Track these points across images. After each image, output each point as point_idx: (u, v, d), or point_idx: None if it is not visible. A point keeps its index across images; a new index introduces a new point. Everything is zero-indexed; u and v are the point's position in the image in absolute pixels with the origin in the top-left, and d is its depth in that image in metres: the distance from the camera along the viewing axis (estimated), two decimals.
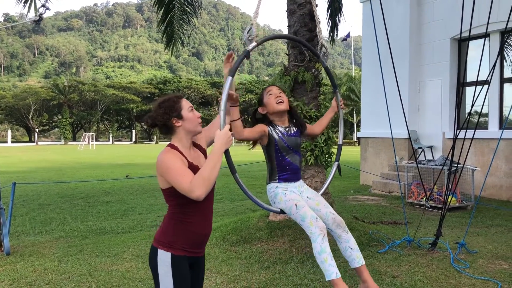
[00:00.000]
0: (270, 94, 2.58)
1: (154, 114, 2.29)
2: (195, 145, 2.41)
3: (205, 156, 2.40)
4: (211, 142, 2.48)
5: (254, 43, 2.31)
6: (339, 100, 2.92)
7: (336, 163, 2.92)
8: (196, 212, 2.27)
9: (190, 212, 2.25)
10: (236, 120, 2.36)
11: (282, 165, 2.49)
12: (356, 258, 2.52)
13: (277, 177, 2.51)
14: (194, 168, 2.23)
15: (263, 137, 2.48)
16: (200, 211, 2.28)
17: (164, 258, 2.24)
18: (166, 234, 2.27)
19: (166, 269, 2.23)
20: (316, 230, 2.34)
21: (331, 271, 2.32)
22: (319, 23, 3.31)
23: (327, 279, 2.31)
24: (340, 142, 2.96)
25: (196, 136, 2.41)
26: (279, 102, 2.54)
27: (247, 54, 2.30)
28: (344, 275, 4.31)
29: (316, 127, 2.81)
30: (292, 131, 2.58)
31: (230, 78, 2.21)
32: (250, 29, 2.34)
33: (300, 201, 2.44)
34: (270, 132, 2.51)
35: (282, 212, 2.48)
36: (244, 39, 2.34)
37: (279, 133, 2.51)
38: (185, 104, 2.31)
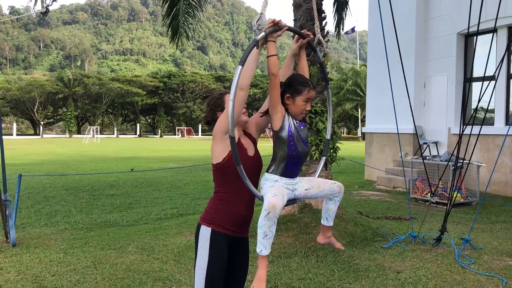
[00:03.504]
0: (307, 102, 2.50)
1: (205, 113, 2.65)
2: (246, 134, 2.58)
3: (255, 146, 2.59)
4: (261, 130, 2.66)
5: (263, 33, 2.26)
6: (330, 97, 2.93)
7: (323, 158, 2.89)
8: (234, 191, 2.43)
9: (229, 190, 2.44)
10: (272, 55, 2.31)
11: (293, 155, 2.45)
12: (332, 220, 2.68)
13: (281, 170, 2.47)
14: (243, 151, 2.44)
15: (278, 114, 2.42)
16: (238, 191, 2.42)
17: (205, 233, 2.43)
18: (209, 212, 2.47)
19: (205, 242, 2.41)
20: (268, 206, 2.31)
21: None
22: (317, 19, 3.27)
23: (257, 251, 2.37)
24: (328, 137, 2.93)
25: (246, 125, 2.59)
26: (303, 115, 2.51)
27: (256, 44, 2.24)
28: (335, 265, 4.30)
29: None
30: (301, 122, 2.56)
31: (240, 67, 2.17)
32: (259, 18, 2.28)
33: (281, 189, 2.42)
34: (286, 117, 2.47)
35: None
36: (254, 28, 2.29)
37: (294, 123, 2.48)
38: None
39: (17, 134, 65.52)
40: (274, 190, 2.35)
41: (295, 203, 2.70)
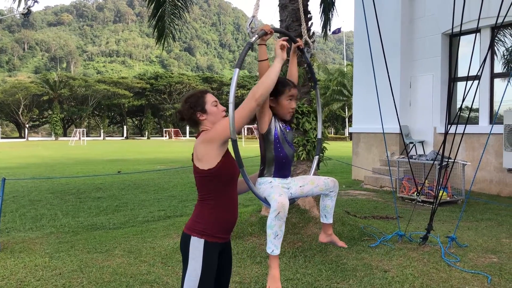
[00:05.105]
0: (291, 99, 2.53)
1: (181, 109, 2.44)
2: None
3: None
4: None
5: (256, 35, 2.31)
6: (318, 97, 2.99)
7: (316, 157, 2.93)
8: (225, 197, 2.37)
9: (219, 197, 2.35)
10: (264, 60, 2.39)
11: (280, 157, 2.49)
12: (331, 217, 2.69)
13: (272, 171, 2.51)
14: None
15: (265, 118, 2.45)
16: (228, 196, 2.38)
17: (197, 244, 2.33)
18: (199, 222, 2.36)
19: (198, 254, 2.32)
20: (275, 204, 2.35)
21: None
22: (304, 20, 3.31)
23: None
24: (319, 136, 2.98)
25: None
26: (291, 113, 2.54)
27: (251, 46, 2.31)
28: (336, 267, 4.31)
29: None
30: (287, 126, 2.59)
31: (237, 70, 2.21)
32: (252, 21, 2.34)
33: (281, 188, 2.45)
34: (273, 121, 2.49)
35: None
36: (247, 31, 2.34)
37: (280, 126, 2.51)
38: (209, 98, 2.42)
39: (2, 137, 64.58)
40: (277, 190, 2.38)
41: (294, 202, 2.73)
